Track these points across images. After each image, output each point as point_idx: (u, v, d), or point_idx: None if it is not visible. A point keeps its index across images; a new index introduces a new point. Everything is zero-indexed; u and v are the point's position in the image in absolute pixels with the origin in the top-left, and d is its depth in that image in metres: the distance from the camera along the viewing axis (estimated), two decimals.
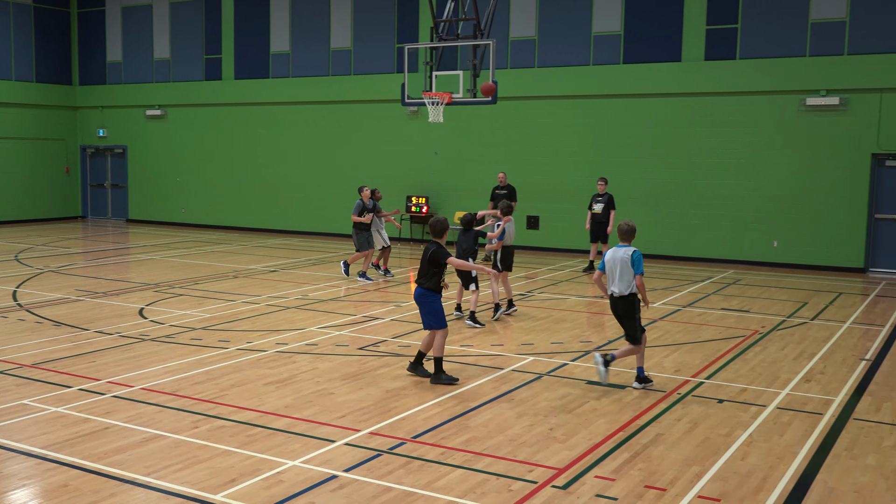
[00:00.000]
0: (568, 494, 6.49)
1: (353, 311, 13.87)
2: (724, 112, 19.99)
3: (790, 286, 17.03)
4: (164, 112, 28.57)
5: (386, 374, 9.94)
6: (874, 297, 15.83)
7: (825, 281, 17.78)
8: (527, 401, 8.91)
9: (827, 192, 19.03)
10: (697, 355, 11.01)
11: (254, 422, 8.12)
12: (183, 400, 8.81)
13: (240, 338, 11.77)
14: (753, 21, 19.65)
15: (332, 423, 8.13)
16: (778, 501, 6.40)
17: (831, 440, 7.78)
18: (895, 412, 8.68)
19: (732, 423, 8.22)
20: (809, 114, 19.12)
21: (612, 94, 21.16)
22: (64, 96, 30.31)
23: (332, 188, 25.24)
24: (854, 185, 18.79)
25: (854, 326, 13.08)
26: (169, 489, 6.50)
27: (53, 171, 30.19)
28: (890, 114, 18.38)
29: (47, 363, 10.26)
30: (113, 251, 21.99)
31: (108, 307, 13.99)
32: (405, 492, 6.49)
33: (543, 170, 22.02)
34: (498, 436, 7.80)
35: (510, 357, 10.85)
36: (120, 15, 29.39)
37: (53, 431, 7.78)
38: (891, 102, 18.36)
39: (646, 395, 9.18)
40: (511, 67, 22.28)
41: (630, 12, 20.97)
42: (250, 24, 26.56)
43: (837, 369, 10.39)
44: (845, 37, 18.78)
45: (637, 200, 20.62)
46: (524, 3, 22.16)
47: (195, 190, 28.13)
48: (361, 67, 24.70)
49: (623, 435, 7.86)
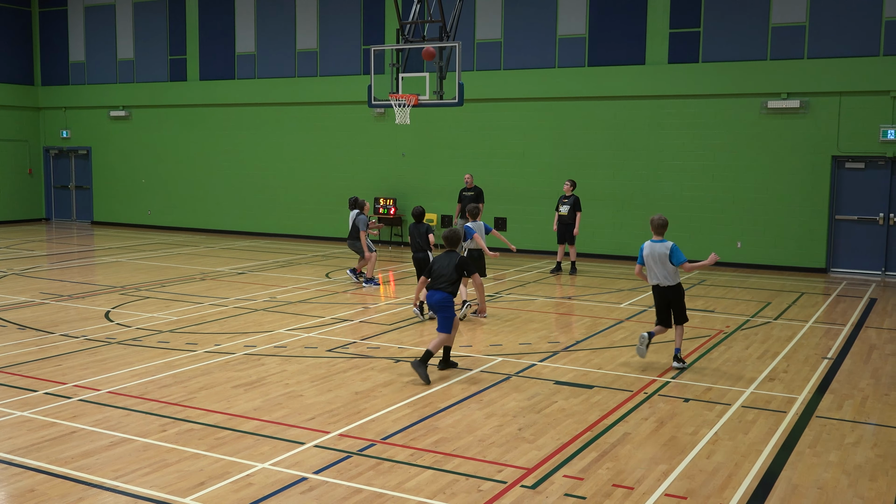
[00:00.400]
0: (537, 494, 6.52)
1: (322, 313, 13.82)
2: (687, 115, 20.18)
3: (754, 286, 17.23)
4: (128, 113, 28.29)
5: (355, 375, 9.93)
6: (835, 297, 16.06)
7: (788, 281, 18.01)
8: (496, 401, 8.94)
9: (788, 193, 19.28)
10: (663, 355, 11.09)
11: (222, 424, 8.08)
12: (151, 403, 8.74)
13: (208, 340, 11.69)
14: (716, 25, 19.86)
15: (301, 425, 8.10)
16: (743, 498, 6.48)
17: (795, 438, 7.89)
18: (857, 410, 8.82)
19: (698, 422, 8.31)
20: (771, 117, 19.36)
21: (578, 96, 21.27)
22: (26, 97, 29.91)
23: (299, 190, 25.14)
24: (815, 187, 19.05)
25: (816, 326, 13.26)
26: (137, 493, 6.45)
27: (16, 173, 29.78)
28: (849, 117, 18.65)
29: (12, 367, 10.12)
30: (78, 253, 21.73)
31: (73, 310, 13.83)
32: (375, 493, 6.49)
33: (510, 172, 22.10)
34: (467, 436, 7.82)
35: (479, 358, 10.87)
36: (83, 14, 29.06)
37: (19, 436, 7.68)
38: (850, 106, 18.64)
39: (613, 394, 9.25)
40: (477, 70, 22.33)
41: (594, 15, 21.10)
42: (215, 25, 26.38)
43: (800, 368, 10.53)
44: (805, 41, 19.03)
45: (603, 202, 20.77)
46: (490, 6, 22.22)
47: (161, 192, 27.88)
48: (328, 69, 24.63)
49: (591, 434, 7.92)
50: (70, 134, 29.75)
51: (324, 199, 24.83)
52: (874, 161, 18.72)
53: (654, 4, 20.39)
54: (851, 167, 18.92)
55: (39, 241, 24.52)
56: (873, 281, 18.25)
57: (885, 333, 12.77)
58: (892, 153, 18.40)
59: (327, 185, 24.70)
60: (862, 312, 14.46)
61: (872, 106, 18.47)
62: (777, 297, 15.91)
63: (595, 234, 20.88)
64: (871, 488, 6.73)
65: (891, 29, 18.24)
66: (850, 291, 16.77)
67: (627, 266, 19.83)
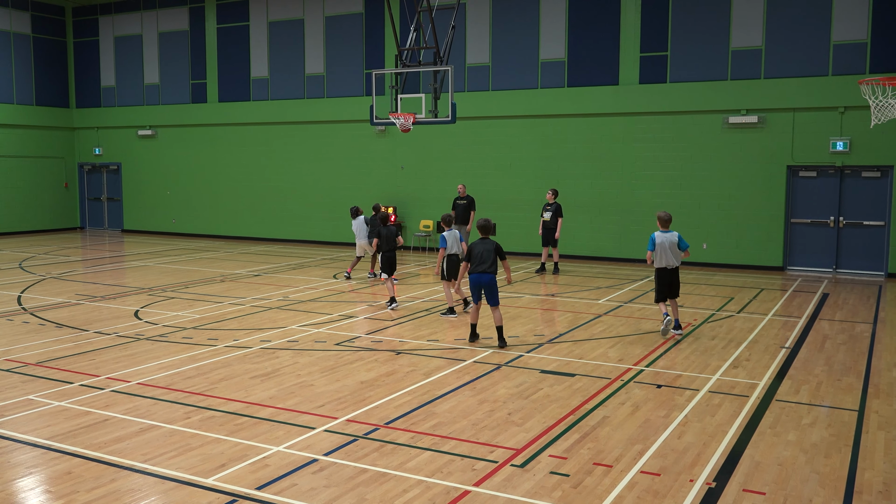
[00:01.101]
0: (525, 472, 6.50)
1: (330, 310, 13.78)
2: (657, 129, 20.18)
3: (718, 283, 17.23)
4: (154, 132, 28.21)
5: (360, 366, 9.89)
6: (792, 292, 16.07)
7: (749, 278, 18.01)
8: (487, 389, 8.92)
9: (748, 199, 19.28)
10: (638, 346, 11.09)
11: (241, 412, 8.04)
12: (176, 393, 8.70)
13: (227, 336, 11.65)
14: (681, 49, 19.87)
15: (312, 411, 8.06)
16: (711, 474, 6.46)
17: (757, 419, 7.87)
18: (812, 394, 8.81)
19: (670, 406, 8.29)
20: (732, 131, 19.37)
21: (558, 113, 21.26)
22: (62, 118, 29.82)
23: (309, 200, 25.09)
24: (772, 194, 19.06)
25: (775, 318, 13.26)
26: (164, 474, 6.41)
27: (54, 187, 29.70)
28: (802, 130, 18.67)
29: (50, 361, 10.07)
30: (110, 259, 21.65)
31: (106, 310, 13.77)
32: (379, 472, 6.46)
33: (498, 182, 22.08)
34: (462, 421, 7.79)
35: (472, 350, 10.84)
36: (113, 44, 28.99)
37: (57, 424, 7.64)
38: (803, 120, 18.66)
39: (593, 381, 9.22)
40: (468, 90, 22.31)
41: (573, 41, 21.10)
42: (232, 52, 26.33)
43: (761, 356, 10.52)
44: (762, 63, 19.05)
45: (582, 208, 20.76)
46: (479, 33, 22.21)
47: (184, 202, 27.80)
48: (333, 91, 24.59)
49: (573, 418, 7.89)
50: (102, 151, 29.66)
51: (331, 207, 24.78)
52: (825, 170, 18.73)
53: (626, 31, 20.40)
54: (805, 175, 18.94)
55: (75, 248, 24.42)
56: (825, 277, 18.26)
57: (836, 325, 12.77)
58: (841, 163, 18.42)
59: (334, 196, 24.65)
60: (816, 306, 14.46)
61: (823, 120, 18.48)
62: (739, 292, 15.91)
63: (575, 237, 20.85)
64: (826, 464, 6.71)
65: (838, 52, 18.26)
66: (805, 287, 16.77)
67: (605, 266, 19.84)
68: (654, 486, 6.22)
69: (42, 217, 29.29)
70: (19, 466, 6.63)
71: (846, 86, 17.90)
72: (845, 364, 10.17)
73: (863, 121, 17.77)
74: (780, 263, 19.14)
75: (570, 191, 20.74)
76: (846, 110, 18.17)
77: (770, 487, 6.22)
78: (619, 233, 20.74)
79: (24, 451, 6.94)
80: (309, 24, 24.75)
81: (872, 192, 18.42)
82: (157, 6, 27.76)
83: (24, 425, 7.62)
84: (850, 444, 7.20)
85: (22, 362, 10.04)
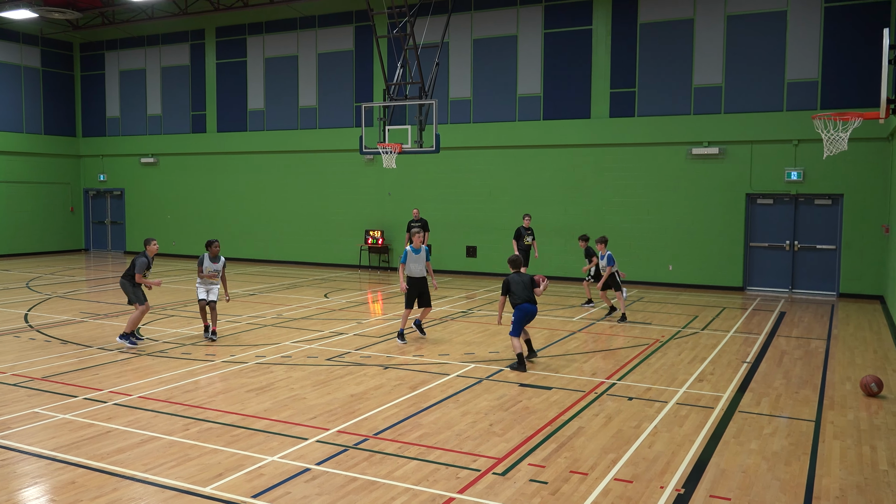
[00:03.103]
0: (506, 480, 6.45)
1: (322, 327, 13.69)
2: (626, 160, 20.31)
3: (683, 302, 17.28)
4: (156, 160, 28.07)
5: (350, 380, 9.81)
6: (751, 311, 16.14)
7: (711, 298, 18.08)
8: (470, 401, 8.86)
9: (711, 224, 19.42)
10: (610, 361, 11.08)
11: (237, 424, 7.94)
12: (175, 406, 8.59)
13: (224, 352, 11.53)
14: (648, 86, 20.06)
15: (304, 423, 7.98)
16: (680, 481, 6.44)
17: (721, 430, 7.87)
18: (772, 405, 8.82)
19: (640, 417, 8.27)
20: (695, 161, 19.53)
21: (535, 144, 21.37)
22: (69, 146, 29.63)
23: (301, 224, 25.01)
24: (732, 219, 19.21)
25: (736, 335, 13.30)
26: (164, 483, 6.30)
27: (60, 211, 29.44)
28: (760, 161, 18.86)
29: (55, 376, 9.92)
30: (112, 279, 21.43)
31: (108, 327, 13.61)
32: (369, 481, 6.39)
33: (479, 207, 22.11)
34: (446, 431, 7.73)
35: (455, 364, 10.79)
36: (118, 77, 28.89)
37: (61, 435, 7.51)
38: (760, 152, 18.85)
39: (569, 394, 9.19)
40: (451, 123, 22.38)
41: (548, 78, 21.25)
42: (230, 86, 26.30)
43: (724, 370, 10.54)
44: (722, 99, 19.26)
45: (557, 233, 20.81)
46: (461, 70, 22.33)
47: (184, 226, 27.62)
48: (325, 122, 24.60)
49: (551, 428, 7.85)
50: (106, 178, 29.46)
51: (323, 231, 24.71)
52: (780, 198, 18.91)
53: (597, 69, 20.58)
54: (762, 203, 19.10)
55: (79, 269, 24.17)
56: (782, 297, 18.37)
57: (793, 341, 12.83)
58: (796, 191, 18.60)
59: (325, 220, 24.60)
60: (774, 323, 14.53)
61: (778, 152, 18.69)
62: (703, 311, 15.96)
63: (550, 259, 20.88)
64: (786, 471, 6.71)
65: (792, 89, 18.51)
66: (764, 306, 16.86)
67: (577, 287, 19.86)
68: (627, 493, 6.19)
69: (49, 239, 29.01)
70: (25, 476, 6.50)
71: (800, 120, 18.13)
72: (802, 377, 10.21)
73: (815, 153, 18.01)
74: (741, 284, 19.25)
75: (546, 216, 20.81)
76: (800, 143, 18.39)
77: (735, 493, 6.20)
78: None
79: (29, 462, 6.81)
80: (303, 59, 24.79)
81: (824, 218, 18.60)
82: (160, 42, 27.73)
83: (29, 437, 7.48)
84: (808, 452, 7.21)
85: (28, 377, 9.88)
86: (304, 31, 24.72)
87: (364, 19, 23.45)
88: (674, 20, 19.72)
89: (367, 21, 23.23)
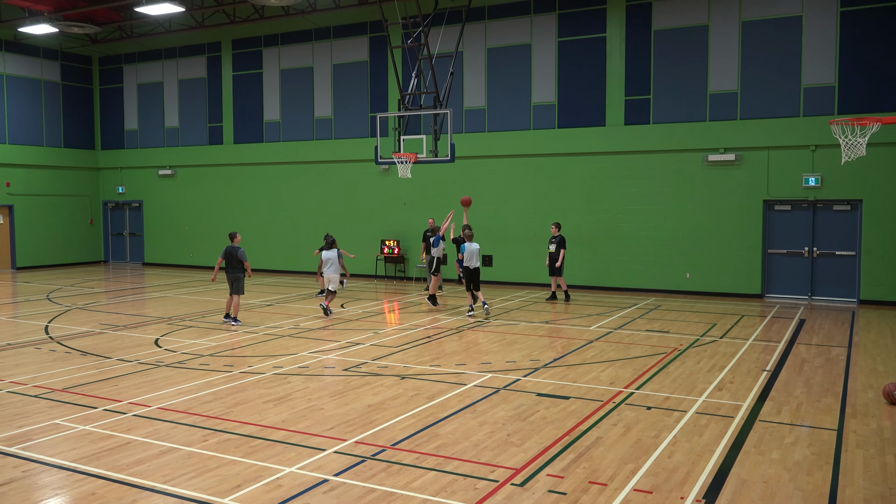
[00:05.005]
0: (525, 491, 6.41)
1: (339, 338, 13.70)
2: (641, 167, 20.24)
3: (701, 310, 17.17)
4: (174, 172, 28.29)
5: (367, 391, 9.81)
6: (770, 318, 16.00)
7: (730, 305, 17.95)
8: (487, 411, 8.83)
9: (728, 232, 19.30)
10: (628, 370, 11.01)
11: (255, 435, 7.95)
12: (194, 417, 8.61)
13: (242, 362, 11.57)
14: (663, 93, 20.00)
15: (322, 434, 7.98)
16: (700, 492, 6.38)
17: (742, 439, 7.79)
18: (793, 414, 8.73)
19: (659, 427, 8.21)
20: (711, 168, 19.43)
21: (550, 153, 21.34)
22: (88, 159, 29.93)
23: (318, 234, 25.03)
24: (750, 226, 19.08)
25: (756, 343, 13.19)
26: (183, 495, 6.32)
27: (79, 223, 29.72)
28: (777, 167, 18.74)
29: (76, 387, 9.99)
30: (131, 290, 21.59)
31: (127, 338, 13.69)
32: (387, 492, 6.37)
33: (495, 216, 22.10)
34: (464, 442, 7.70)
35: (472, 374, 10.77)
36: (136, 90, 29.17)
37: (82, 447, 7.55)
38: (777, 158, 18.73)
39: (587, 404, 9.14)
40: (465, 132, 22.41)
41: (562, 86, 21.24)
42: (247, 98, 26.49)
43: (744, 379, 10.45)
44: (738, 105, 19.16)
45: (573, 241, 20.74)
46: (476, 79, 22.36)
47: (202, 237, 27.79)
48: (341, 133, 24.70)
49: (569, 439, 7.81)
50: (125, 190, 29.73)
51: (338, 241, 24.75)
52: (798, 204, 18.77)
53: (611, 76, 20.55)
54: (780, 209, 18.96)
55: (99, 280, 24.37)
56: (802, 304, 18.20)
57: (813, 349, 12.70)
58: (813, 197, 18.46)
59: (341, 230, 24.65)
60: (793, 331, 14.39)
61: (796, 158, 18.56)
62: (721, 319, 15.85)
63: (567, 267, 20.81)
64: (808, 482, 6.63)
65: (809, 94, 18.38)
66: (783, 313, 16.71)
67: (595, 295, 19.79)
68: None
69: (69, 251, 29.27)
70: (46, 488, 6.53)
71: (817, 126, 18.00)
72: (823, 386, 10.09)
73: (833, 158, 17.87)
74: (759, 291, 19.09)
75: (562, 224, 20.70)
76: (817, 148, 18.25)
77: None
78: (608, 263, 20.72)
79: (50, 473, 6.85)
80: (318, 71, 24.93)
81: (843, 224, 18.43)
82: (177, 55, 27.98)
83: (50, 448, 7.52)
84: (831, 462, 7.12)
85: (49, 388, 9.95)
86: (319, 43, 24.87)
87: (378, 30, 23.56)
88: (688, 27, 19.66)
89: (381, 32, 23.34)
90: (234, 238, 15.59)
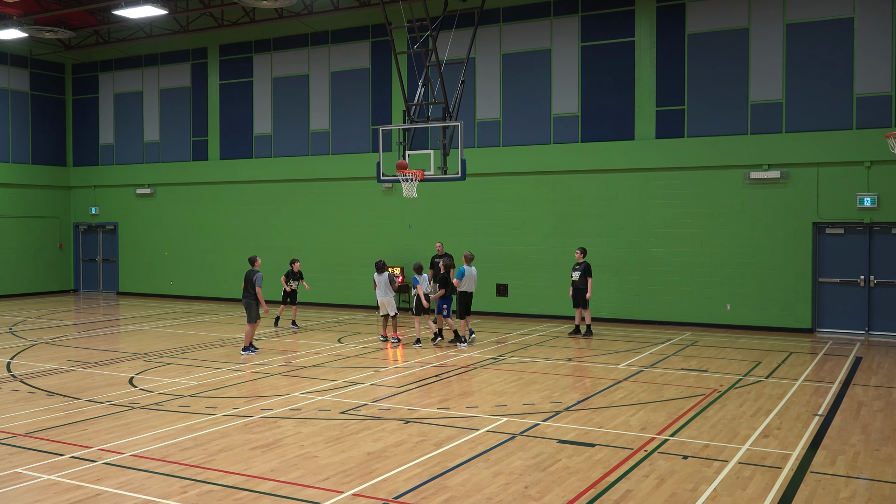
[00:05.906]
0: None
1: (335, 376, 13.67)
2: (675, 185, 20.25)
3: (744, 346, 17.06)
4: (153, 190, 28.48)
5: (367, 436, 9.75)
6: (822, 356, 15.88)
7: (776, 341, 17.83)
8: (502, 460, 8.76)
9: (773, 258, 19.23)
10: (661, 413, 10.92)
11: (240, 486, 7.90)
12: (172, 465, 8.57)
13: (226, 404, 11.53)
14: (698, 103, 20.06)
15: (316, 485, 7.92)
16: None
17: (791, 493, 7.69)
18: (849, 465, 8.62)
19: (697, 479, 8.12)
20: (754, 186, 19.42)
21: (572, 170, 21.39)
22: (58, 177, 30.19)
23: (313, 261, 25.09)
24: (798, 252, 19.01)
25: (806, 384, 13.07)
26: None
27: (48, 247, 29.91)
28: (827, 186, 18.70)
29: (40, 432, 9.97)
30: (104, 323, 21.63)
31: (99, 376, 13.69)
32: None
33: (510, 240, 22.11)
34: (476, 495, 7.63)
35: (484, 418, 10.70)
36: (112, 101, 29.49)
37: (46, 499, 7.51)
38: (827, 175, 18.70)
39: (615, 452, 9.06)
40: (478, 146, 22.50)
41: (586, 96, 21.34)
42: (235, 109, 26.72)
43: (793, 425, 10.34)
44: (783, 116, 19.19)
45: (599, 268, 20.67)
46: (489, 88, 22.50)
47: (183, 263, 27.91)
48: (339, 147, 24.85)
49: (594, 492, 7.72)
50: (98, 210, 29.93)
51: (337, 268, 24.82)
52: (853, 227, 18.70)
53: (641, 85, 20.63)
54: (831, 233, 18.90)
55: (67, 312, 24.44)
56: (858, 340, 18.07)
57: (871, 390, 12.57)
58: (869, 219, 18.40)
59: (339, 256, 24.71)
60: (849, 370, 14.27)
61: (849, 175, 18.53)
62: (766, 356, 15.74)
63: (592, 298, 20.73)
64: None
65: (862, 104, 18.40)
66: (837, 350, 16.59)
67: (623, 328, 19.71)
68: None
69: (35, 279, 29.42)
70: None
71: (872, 139, 17.99)
72: (884, 432, 9.98)
73: (891, 175, 17.84)
74: (809, 325, 18.97)
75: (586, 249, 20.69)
76: (872, 164, 18.22)
77: None
78: (638, 293, 20.65)
79: None
80: (314, 79, 25.15)
81: None
82: (158, 62, 28.29)
83: (11, 501, 7.49)
84: None
85: (10, 433, 9.93)
86: (316, 48, 25.11)
87: (381, 34, 23.78)
88: (726, 30, 19.76)
89: (384, 36, 23.55)
90: (254, 262, 16.43)
